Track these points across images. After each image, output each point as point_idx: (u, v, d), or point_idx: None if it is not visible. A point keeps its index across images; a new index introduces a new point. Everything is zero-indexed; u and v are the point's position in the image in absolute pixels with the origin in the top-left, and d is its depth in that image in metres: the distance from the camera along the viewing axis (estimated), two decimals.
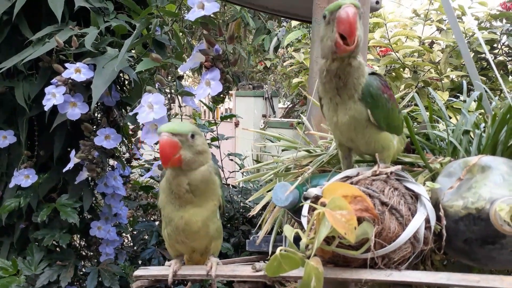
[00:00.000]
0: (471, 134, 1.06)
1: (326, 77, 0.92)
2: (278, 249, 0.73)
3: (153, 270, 1.00)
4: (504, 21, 3.15)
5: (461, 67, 2.95)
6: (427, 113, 1.19)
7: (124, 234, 2.23)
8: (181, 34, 2.13)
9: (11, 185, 1.72)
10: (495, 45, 3.06)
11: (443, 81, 2.94)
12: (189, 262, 1.11)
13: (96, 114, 1.82)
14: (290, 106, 7.17)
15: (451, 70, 2.96)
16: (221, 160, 2.38)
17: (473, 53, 2.94)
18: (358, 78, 0.91)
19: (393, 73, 3.10)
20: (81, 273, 1.99)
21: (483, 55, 3.13)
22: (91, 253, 2.06)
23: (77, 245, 2.09)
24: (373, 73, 0.94)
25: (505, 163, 0.85)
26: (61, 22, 1.62)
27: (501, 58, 3.08)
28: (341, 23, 0.85)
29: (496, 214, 0.74)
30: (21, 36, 1.67)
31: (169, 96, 1.66)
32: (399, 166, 0.94)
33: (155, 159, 2.53)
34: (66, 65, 1.58)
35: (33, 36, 1.63)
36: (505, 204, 0.74)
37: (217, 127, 2.44)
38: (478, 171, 0.85)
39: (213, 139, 2.47)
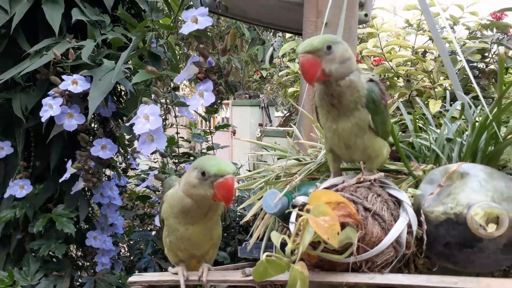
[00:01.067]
0: (454, 142, 1.09)
1: (320, 96, 0.97)
2: (264, 254, 0.76)
3: (148, 276, 1.02)
4: (495, 30, 3.20)
5: None
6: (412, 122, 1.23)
7: (120, 244, 2.25)
8: (176, 46, 2.17)
9: (6, 195, 1.74)
10: (486, 54, 3.11)
11: (436, 90, 2.98)
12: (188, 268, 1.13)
13: (92, 125, 1.85)
14: (287, 115, 7.21)
15: (444, 79, 3.00)
16: None
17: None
18: (352, 95, 0.93)
19: (387, 82, 3.15)
20: (78, 283, 2.00)
21: (475, 64, 3.18)
22: (88, 263, 2.07)
23: (74, 255, 2.10)
24: (371, 80, 0.97)
25: (483, 170, 0.88)
26: (58, 35, 1.65)
27: (492, 66, 3.13)
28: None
29: (472, 218, 0.78)
30: (19, 49, 1.70)
31: (164, 107, 1.69)
32: (382, 174, 0.98)
33: (151, 169, 2.56)
34: (63, 77, 1.61)
35: (30, 48, 1.66)
36: (480, 209, 0.77)
37: (212, 137, 2.47)
38: (457, 177, 0.88)
39: (208, 148, 2.50)
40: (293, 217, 0.94)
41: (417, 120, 1.19)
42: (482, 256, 0.83)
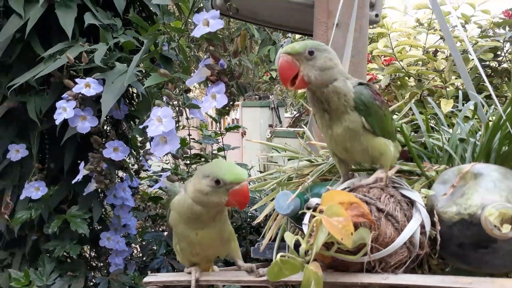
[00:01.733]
0: (467, 142, 1.08)
1: (311, 102, 0.98)
2: (279, 254, 0.77)
3: (163, 277, 1.04)
4: (507, 28, 3.17)
5: None
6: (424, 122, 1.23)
7: (133, 244, 2.27)
8: (187, 48, 2.19)
9: (21, 197, 1.77)
10: (499, 52, 3.08)
11: (447, 89, 2.96)
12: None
13: (105, 127, 1.87)
14: (296, 115, 7.21)
15: (456, 78, 2.98)
16: None
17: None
18: (340, 99, 0.94)
19: (398, 82, 3.13)
20: (91, 283, 2.02)
21: (488, 63, 3.15)
22: (101, 264, 2.10)
23: (87, 255, 2.13)
24: (361, 83, 0.97)
25: (496, 170, 0.88)
26: (71, 39, 1.68)
27: (505, 65, 3.10)
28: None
29: (486, 219, 0.77)
30: (33, 53, 1.73)
31: (177, 109, 1.71)
32: (398, 166, 0.97)
33: (163, 170, 2.57)
34: (77, 80, 1.63)
35: (44, 52, 1.69)
36: (494, 209, 0.77)
37: (222, 138, 2.48)
38: (471, 178, 0.88)
39: (219, 150, 2.52)
40: (306, 219, 0.94)
41: (428, 120, 1.19)
42: (496, 257, 0.82)
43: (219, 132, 2.55)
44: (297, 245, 0.82)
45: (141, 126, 1.59)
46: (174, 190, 1.04)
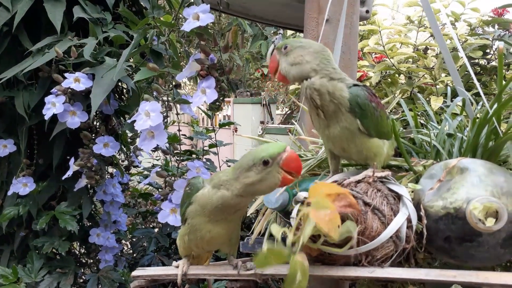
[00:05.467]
0: (455, 137, 1.09)
1: (304, 101, 1.00)
2: (266, 243, 0.77)
3: (151, 271, 1.03)
4: (496, 26, 3.20)
5: None
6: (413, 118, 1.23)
7: (123, 241, 2.26)
8: (178, 43, 2.18)
9: (9, 193, 1.75)
10: (488, 50, 3.11)
11: (437, 86, 2.98)
12: (194, 260, 1.12)
13: (95, 123, 1.86)
14: (288, 112, 7.22)
15: (446, 76, 3.00)
16: (220, 167, 2.42)
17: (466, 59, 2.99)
18: (322, 96, 0.95)
19: (389, 79, 3.15)
20: (81, 280, 2.02)
21: (477, 60, 3.18)
22: (91, 260, 2.09)
23: (77, 252, 2.12)
24: (355, 85, 0.98)
25: (482, 165, 0.89)
26: (60, 33, 1.66)
27: (494, 63, 3.12)
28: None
29: (471, 213, 0.78)
30: (21, 47, 1.71)
31: (166, 104, 1.70)
32: (389, 172, 0.98)
33: (153, 166, 2.57)
34: (66, 75, 1.62)
35: (32, 46, 1.67)
36: (479, 203, 0.78)
37: (215, 134, 2.48)
38: (457, 172, 0.89)
39: (211, 146, 2.51)
40: (294, 212, 0.94)
41: (418, 116, 1.20)
42: (482, 251, 0.83)
43: (211, 129, 2.55)
44: (285, 239, 0.82)
45: (129, 121, 1.58)
46: (198, 186, 1.01)
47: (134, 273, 1.01)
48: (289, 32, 4.11)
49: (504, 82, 0.99)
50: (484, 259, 0.85)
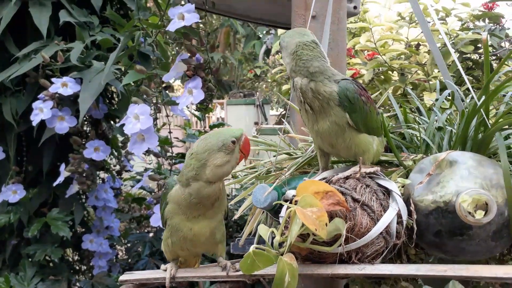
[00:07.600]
0: (444, 131, 1.08)
1: (293, 94, 1.00)
2: (252, 247, 0.76)
3: (138, 275, 1.02)
4: (487, 21, 3.20)
5: (448, 67, 2.98)
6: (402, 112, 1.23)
7: (118, 246, 2.24)
8: (167, 45, 2.16)
9: None
10: (479, 45, 3.10)
11: (430, 82, 2.98)
12: (183, 265, 1.12)
13: (84, 127, 1.84)
14: (282, 113, 7.20)
15: (438, 71, 2.99)
16: None
17: (458, 54, 2.99)
18: (317, 94, 0.94)
19: (382, 76, 3.14)
20: (75, 287, 2.00)
21: (469, 55, 3.17)
22: (85, 267, 2.07)
23: (70, 259, 2.10)
24: (345, 79, 0.96)
25: (471, 157, 0.88)
26: (46, 38, 1.65)
27: None
28: None
29: (460, 206, 0.77)
30: (7, 53, 1.70)
31: (154, 106, 1.68)
32: (378, 168, 0.97)
33: (146, 170, 2.55)
34: (53, 80, 1.61)
35: (19, 52, 1.66)
36: (468, 196, 0.77)
37: None
38: (446, 166, 0.88)
39: None
40: (283, 212, 0.93)
41: (410, 112, 1.19)
42: (473, 244, 0.82)
43: (203, 131, 2.54)
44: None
45: (118, 124, 1.57)
46: (172, 184, 1.02)
47: (122, 277, 0.99)
48: (280, 31, 4.10)
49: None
50: (476, 253, 0.84)
